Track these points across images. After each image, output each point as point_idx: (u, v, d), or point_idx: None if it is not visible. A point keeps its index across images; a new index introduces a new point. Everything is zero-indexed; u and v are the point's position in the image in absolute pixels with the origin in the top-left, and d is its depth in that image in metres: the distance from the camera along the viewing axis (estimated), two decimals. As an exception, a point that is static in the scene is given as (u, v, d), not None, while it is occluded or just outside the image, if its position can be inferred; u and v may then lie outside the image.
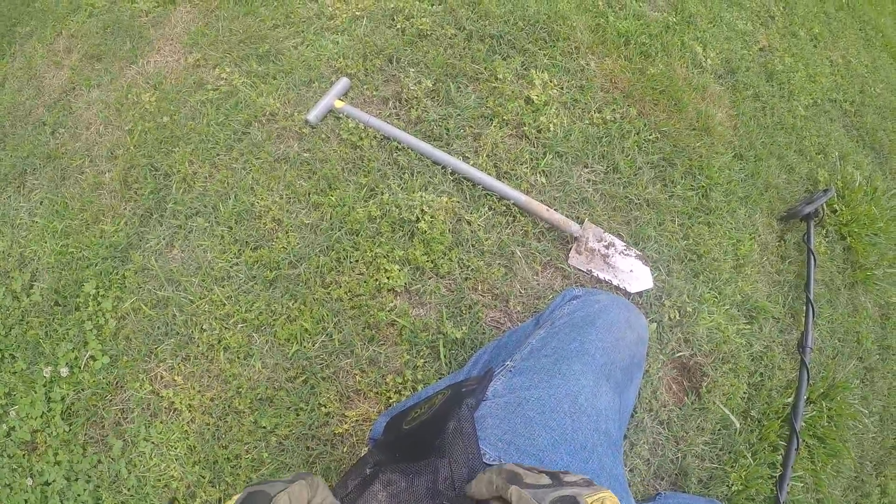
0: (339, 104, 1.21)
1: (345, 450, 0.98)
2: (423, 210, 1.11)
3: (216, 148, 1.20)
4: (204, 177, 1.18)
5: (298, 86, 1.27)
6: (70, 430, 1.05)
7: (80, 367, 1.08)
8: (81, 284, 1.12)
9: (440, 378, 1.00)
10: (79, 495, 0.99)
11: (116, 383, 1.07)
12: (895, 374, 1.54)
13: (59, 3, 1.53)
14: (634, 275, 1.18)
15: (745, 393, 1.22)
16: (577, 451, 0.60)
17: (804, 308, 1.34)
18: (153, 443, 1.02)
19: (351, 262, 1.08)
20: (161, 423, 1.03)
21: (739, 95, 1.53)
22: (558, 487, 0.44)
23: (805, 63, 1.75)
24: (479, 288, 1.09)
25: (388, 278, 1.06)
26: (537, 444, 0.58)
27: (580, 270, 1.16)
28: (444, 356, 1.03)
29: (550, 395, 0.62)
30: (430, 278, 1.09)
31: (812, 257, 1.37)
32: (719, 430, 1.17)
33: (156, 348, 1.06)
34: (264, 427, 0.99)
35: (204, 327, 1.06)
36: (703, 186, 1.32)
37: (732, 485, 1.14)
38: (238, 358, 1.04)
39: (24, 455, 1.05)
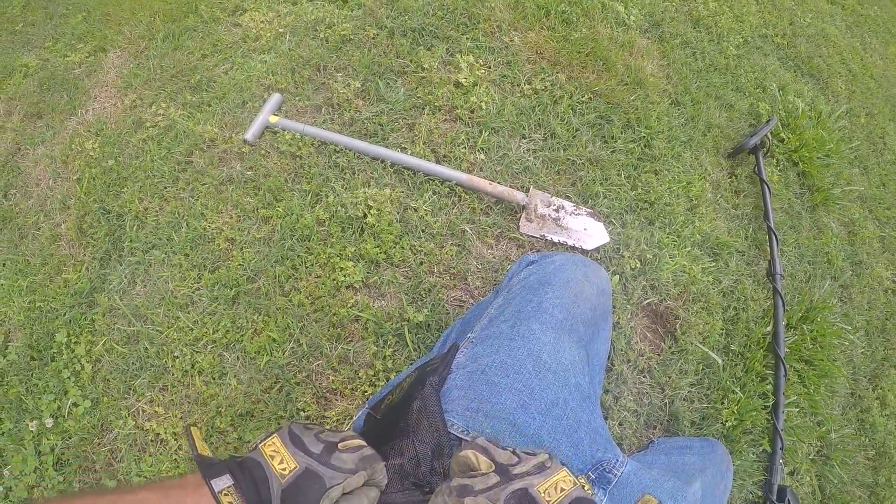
0: (273, 119, 1.24)
1: (330, 449, 0.99)
2: (368, 205, 1.13)
3: (163, 181, 1.23)
4: (155, 211, 1.20)
5: (233, 109, 1.30)
6: (64, 479, 1.06)
7: (64, 416, 1.09)
8: (53, 335, 1.14)
9: (411, 363, 1.01)
10: (80, 544, 1.00)
11: (101, 425, 1.08)
12: (872, 288, 1.55)
13: (-8, 70, 1.57)
14: (589, 232, 1.19)
15: (721, 329, 1.22)
16: (549, 409, 0.61)
17: (767, 237, 1.36)
18: (146, 477, 1.03)
19: (307, 267, 1.10)
20: (150, 456, 1.04)
21: (667, 45, 1.56)
22: (508, 482, 0.44)
23: (730, 5, 1.79)
24: (436, 270, 1.11)
25: (344, 276, 1.08)
26: (506, 408, 0.59)
27: (533, 237, 1.17)
28: (412, 341, 1.05)
29: (512, 357, 0.63)
30: (385, 269, 1.11)
31: (766, 187, 1.39)
32: (702, 369, 1.18)
33: (133, 383, 1.08)
34: (249, 441, 1.00)
35: (176, 355, 1.07)
36: (643, 137, 1.34)
37: (726, 421, 1.14)
38: (213, 379, 1.05)
39: (23, 512, 1.06)
